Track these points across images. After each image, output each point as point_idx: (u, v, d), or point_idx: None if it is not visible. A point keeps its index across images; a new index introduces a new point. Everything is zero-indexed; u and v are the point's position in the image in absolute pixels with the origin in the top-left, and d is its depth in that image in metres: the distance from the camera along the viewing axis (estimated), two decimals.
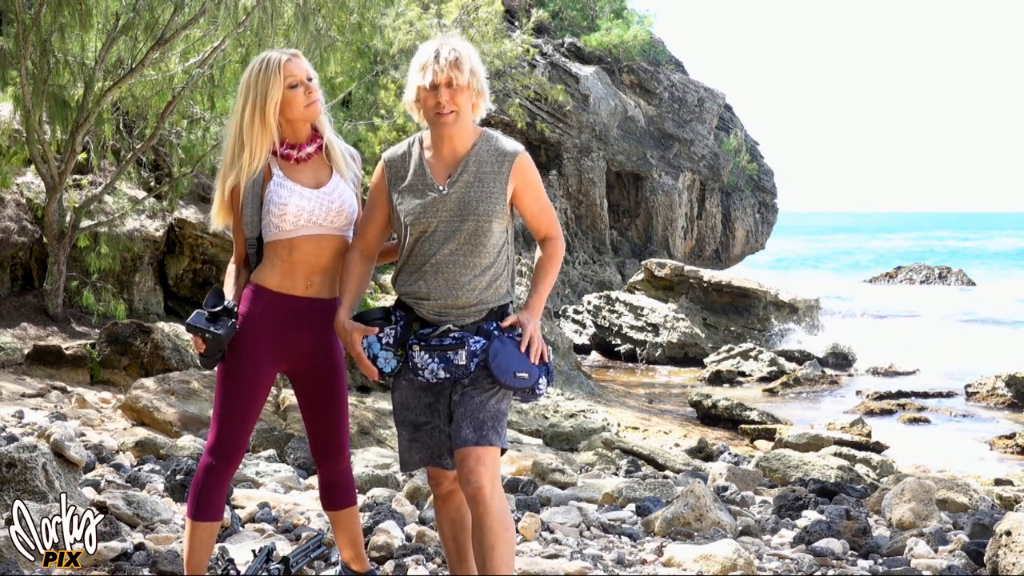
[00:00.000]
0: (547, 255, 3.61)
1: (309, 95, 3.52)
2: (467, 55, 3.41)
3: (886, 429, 14.07)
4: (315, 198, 3.54)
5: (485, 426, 3.35)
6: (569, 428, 11.85)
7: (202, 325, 3.47)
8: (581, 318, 23.17)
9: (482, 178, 3.44)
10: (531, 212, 3.55)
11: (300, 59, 3.55)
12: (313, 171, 3.60)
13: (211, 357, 3.52)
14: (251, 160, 3.53)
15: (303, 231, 3.54)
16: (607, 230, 28.92)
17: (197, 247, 13.42)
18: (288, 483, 6.41)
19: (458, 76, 3.37)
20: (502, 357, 3.35)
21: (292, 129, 3.57)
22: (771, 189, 34.80)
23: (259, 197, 3.56)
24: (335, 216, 3.57)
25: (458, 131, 3.45)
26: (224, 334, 3.48)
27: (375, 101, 14.34)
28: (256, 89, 3.49)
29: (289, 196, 3.52)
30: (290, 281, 3.56)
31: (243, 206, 3.58)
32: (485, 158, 3.46)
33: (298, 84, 3.50)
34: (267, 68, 3.49)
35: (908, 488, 6.38)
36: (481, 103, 3.49)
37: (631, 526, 5.78)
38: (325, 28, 11.25)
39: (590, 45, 29.36)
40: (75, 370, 9.98)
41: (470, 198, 3.42)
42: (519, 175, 3.47)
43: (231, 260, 3.72)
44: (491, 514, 3.29)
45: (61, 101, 11.20)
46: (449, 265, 3.42)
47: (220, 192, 3.61)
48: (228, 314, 3.52)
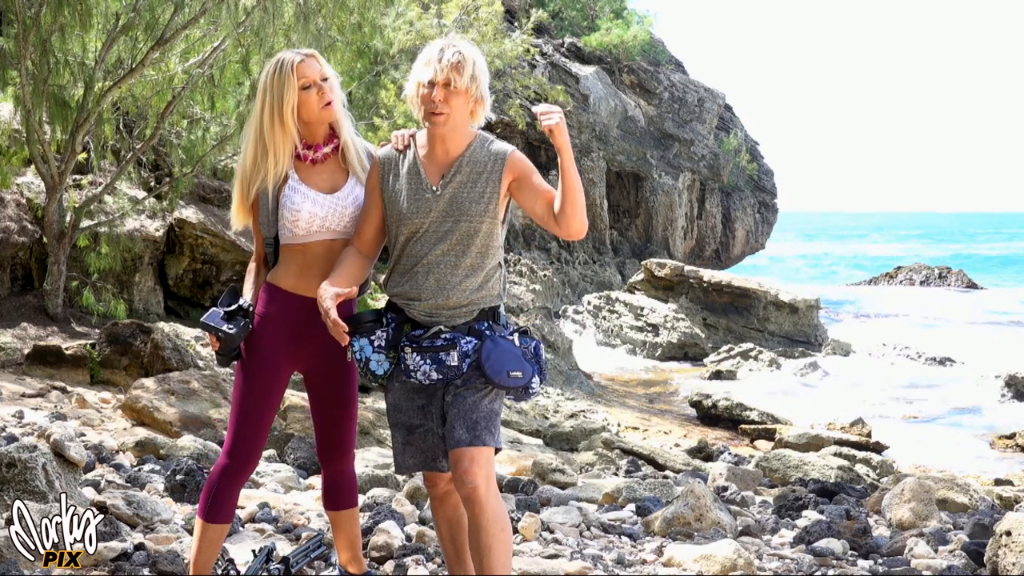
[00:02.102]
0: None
1: (322, 96, 3.49)
2: (471, 60, 3.38)
3: (887, 428, 14.08)
4: (328, 204, 3.53)
5: (478, 426, 3.34)
6: (569, 428, 11.85)
7: (216, 324, 3.49)
8: (581, 318, 23.18)
9: (475, 179, 3.42)
10: (537, 191, 3.44)
11: (315, 60, 3.52)
12: (329, 173, 3.59)
13: (226, 355, 3.54)
14: (276, 163, 3.52)
15: (316, 236, 3.54)
16: (607, 230, 28.92)
17: (197, 247, 13.42)
18: (288, 483, 6.41)
19: (457, 79, 3.34)
20: (495, 357, 3.34)
21: (308, 130, 3.56)
22: (771, 189, 34.81)
23: (275, 199, 3.55)
24: (349, 222, 3.56)
25: (451, 134, 3.42)
26: (237, 333, 3.49)
27: (375, 101, 14.34)
28: (272, 92, 3.47)
29: (303, 202, 3.51)
30: (304, 282, 3.55)
31: (259, 207, 3.58)
32: (479, 159, 3.44)
33: (311, 85, 3.48)
34: (281, 70, 3.47)
35: (908, 488, 6.38)
36: (480, 110, 3.44)
37: (631, 526, 5.78)
38: (325, 28, 11.25)
39: (590, 45, 29.37)
40: (75, 370, 9.98)
41: (462, 199, 3.41)
42: (512, 170, 3.44)
43: (252, 259, 3.72)
44: (487, 514, 3.29)
45: (61, 101, 11.19)
46: (440, 266, 3.40)
47: (242, 194, 3.58)
48: (243, 313, 3.54)
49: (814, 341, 22.14)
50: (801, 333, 22.25)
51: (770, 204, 34.64)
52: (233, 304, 3.53)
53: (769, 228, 34.69)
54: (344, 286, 3.39)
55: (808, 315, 22.50)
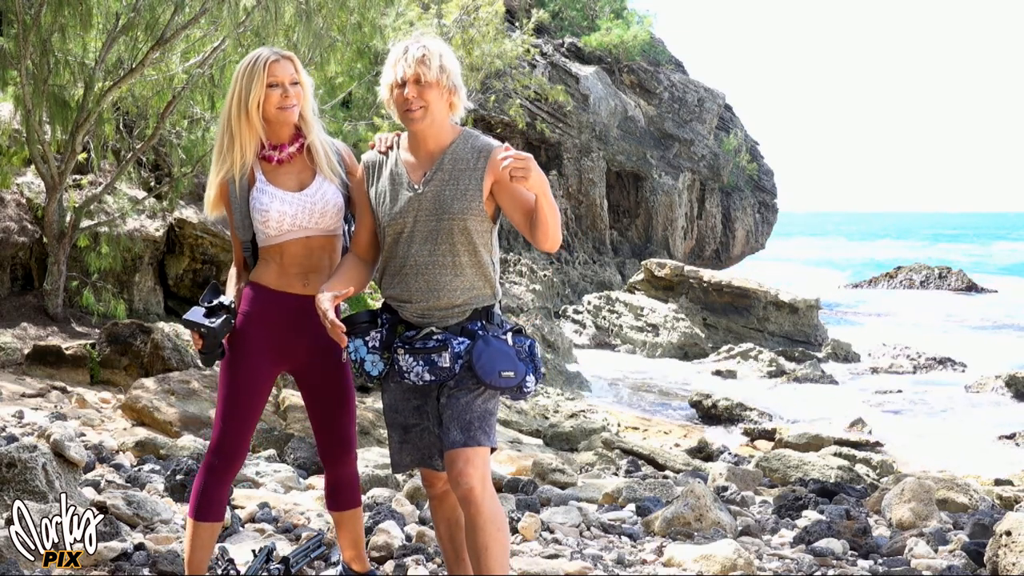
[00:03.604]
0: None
1: (285, 99, 3.51)
2: (435, 51, 3.36)
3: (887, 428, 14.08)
4: (296, 201, 3.54)
5: (472, 426, 3.34)
6: (569, 428, 11.85)
7: (198, 320, 3.46)
8: (581, 318, 23.18)
9: (457, 176, 3.40)
10: (516, 200, 3.38)
11: (290, 62, 3.53)
12: (296, 172, 3.60)
13: (209, 353, 3.51)
14: (242, 153, 3.55)
15: (289, 235, 3.55)
16: (607, 230, 28.93)
17: (197, 247, 13.43)
18: (288, 483, 6.40)
19: (425, 72, 3.32)
20: (486, 357, 3.33)
21: (272, 130, 3.58)
22: (771, 189, 34.82)
23: (247, 202, 3.57)
24: (319, 217, 3.57)
25: (432, 129, 3.41)
26: (220, 328, 3.47)
27: (375, 101, 14.34)
28: (241, 85, 3.52)
29: (271, 202, 3.53)
30: (286, 280, 3.57)
31: (233, 211, 3.59)
32: (461, 156, 3.42)
33: (277, 85, 3.50)
34: (253, 66, 3.50)
35: (908, 488, 6.38)
36: (457, 101, 3.42)
37: (631, 526, 5.78)
38: (325, 28, 11.25)
39: (590, 45, 29.37)
40: (75, 370, 9.98)
41: (445, 196, 3.38)
42: (493, 170, 3.38)
43: (233, 263, 3.73)
44: (483, 514, 3.28)
45: (61, 101, 11.19)
46: (429, 267, 3.39)
47: (212, 182, 3.62)
48: (225, 309, 3.52)
49: (814, 341, 22.14)
50: (801, 333, 22.25)
51: (770, 204, 34.65)
52: (215, 300, 3.51)
53: (769, 228, 34.70)
54: (341, 289, 3.39)
55: (808, 315, 22.50)
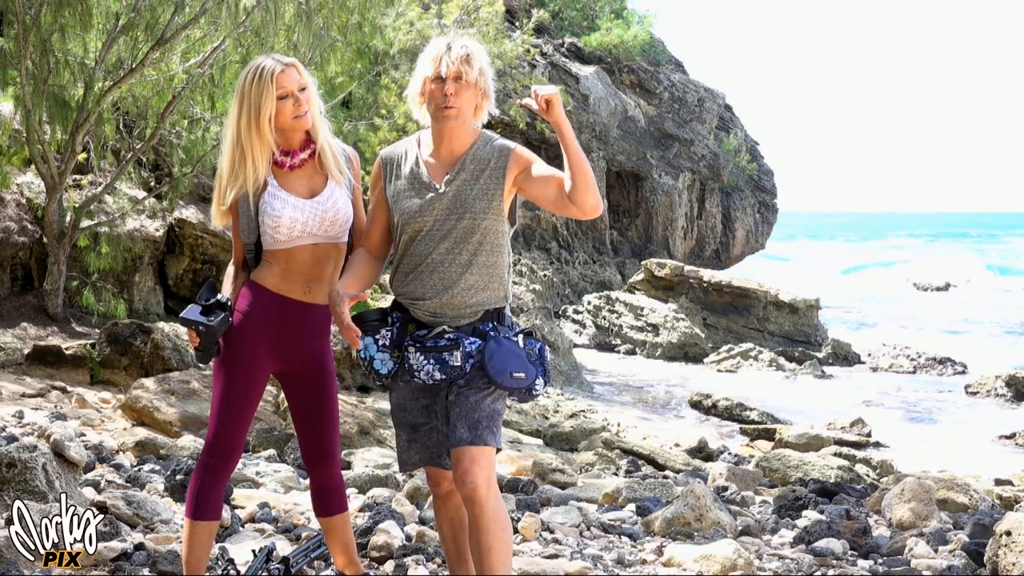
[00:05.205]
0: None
1: (298, 107, 3.50)
2: (478, 54, 3.41)
3: (887, 428, 14.08)
4: (308, 209, 3.54)
5: (480, 425, 3.34)
6: (569, 428, 11.85)
7: (195, 318, 3.46)
8: (581, 318, 23.18)
9: (478, 176, 3.42)
10: (545, 178, 3.41)
11: (294, 69, 3.52)
12: (307, 178, 3.59)
13: (206, 351, 3.51)
14: (255, 170, 3.53)
15: (298, 241, 3.54)
16: (607, 230, 28.93)
17: (197, 247, 13.43)
18: (288, 483, 6.40)
19: (468, 71, 3.35)
20: (498, 358, 3.34)
21: (284, 137, 3.57)
22: (771, 189, 34.80)
23: (255, 205, 3.56)
24: (329, 225, 3.56)
25: (458, 130, 3.43)
26: (217, 326, 3.47)
27: (375, 101, 14.34)
28: (249, 100, 3.48)
29: (283, 208, 3.52)
30: (288, 285, 3.56)
31: (239, 213, 3.58)
32: (482, 156, 3.44)
33: (288, 95, 3.49)
34: (260, 79, 3.47)
35: (908, 488, 6.38)
36: (485, 105, 3.46)
37: (631, 526, 5.78)
38: (325, 28, 11.25)
39: (590, 45, 29.37)
40: (75, 370, 9.98)
41: (466, 196, 3.40)
42: (516, 163, 3.43)
43: (231, 262, 3.72)
44: (487, 514, 3.29)
45: (61, 101, 11.20)
46: (444, 265, 3.40)
47: (219, 197, 3.58)
48: (222, 307, 3.52)
49: (814, 341, 22.14)
50: (801, 333, 22.26)
51: (770, 204, 34.63)
52: (212, 298, 3.51)
53: (769, 228, 34.68)
54: (356, 289, 3.40)
55: (808, 315, 22.50)
